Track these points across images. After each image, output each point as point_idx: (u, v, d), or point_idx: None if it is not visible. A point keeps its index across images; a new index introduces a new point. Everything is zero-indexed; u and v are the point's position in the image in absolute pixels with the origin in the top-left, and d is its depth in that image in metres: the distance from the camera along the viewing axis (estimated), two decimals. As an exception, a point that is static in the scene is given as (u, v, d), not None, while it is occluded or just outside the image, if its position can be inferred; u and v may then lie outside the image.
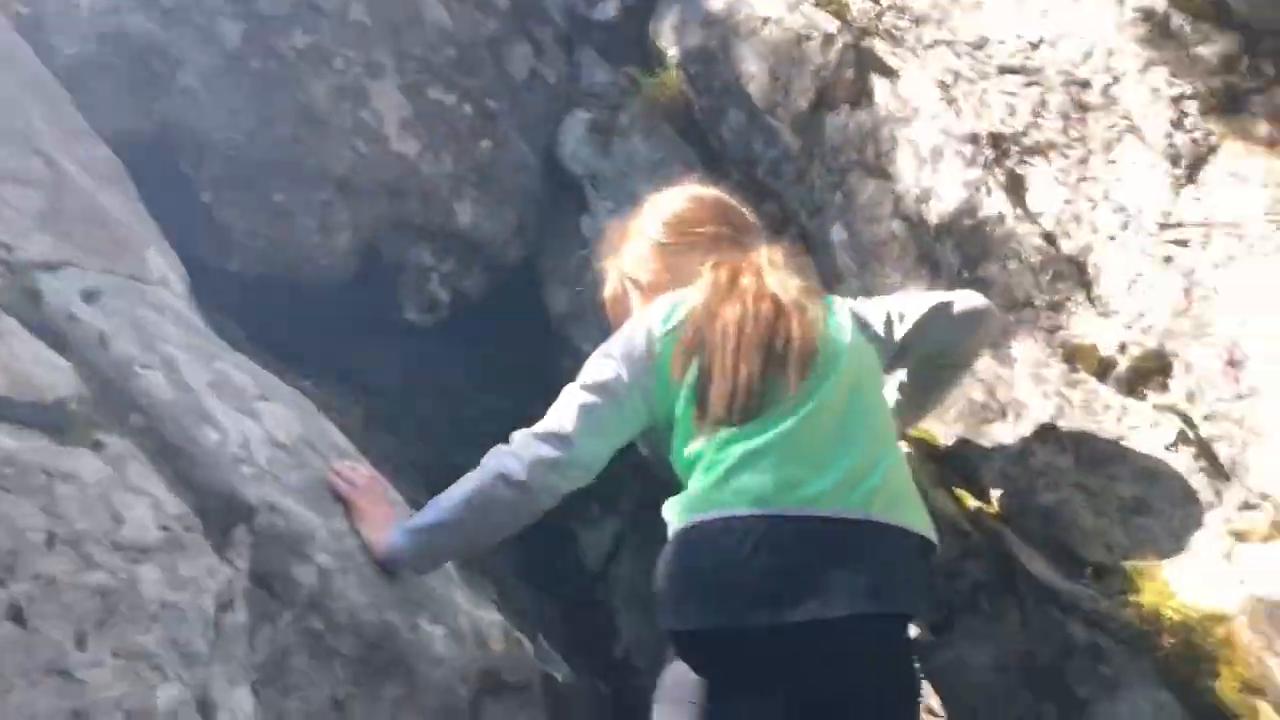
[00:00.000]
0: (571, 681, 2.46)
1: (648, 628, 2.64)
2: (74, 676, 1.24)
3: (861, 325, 1.83)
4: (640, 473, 3.02)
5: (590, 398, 1.76)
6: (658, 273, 1.96)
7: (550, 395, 1.84)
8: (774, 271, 1.81)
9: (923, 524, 1.68)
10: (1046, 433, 2.03)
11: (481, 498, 1.75)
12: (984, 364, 2.16)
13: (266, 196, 2.77)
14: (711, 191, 2.08)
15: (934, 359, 1.95)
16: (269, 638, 1.63)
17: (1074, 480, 1.96)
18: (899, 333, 1.86)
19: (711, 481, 1.65)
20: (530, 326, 3.16)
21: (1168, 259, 1.99)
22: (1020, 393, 2.10)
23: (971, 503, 2.06)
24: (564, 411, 1.76)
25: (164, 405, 1.65)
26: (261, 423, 1.87)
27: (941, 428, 2.20)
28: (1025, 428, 2.07)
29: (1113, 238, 2.08)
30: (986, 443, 2.12)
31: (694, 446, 1.71)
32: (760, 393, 1.66)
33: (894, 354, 1.88)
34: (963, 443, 2.14)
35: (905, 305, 1.90)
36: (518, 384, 3.06)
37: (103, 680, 1.27)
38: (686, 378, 1.72)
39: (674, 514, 1.71)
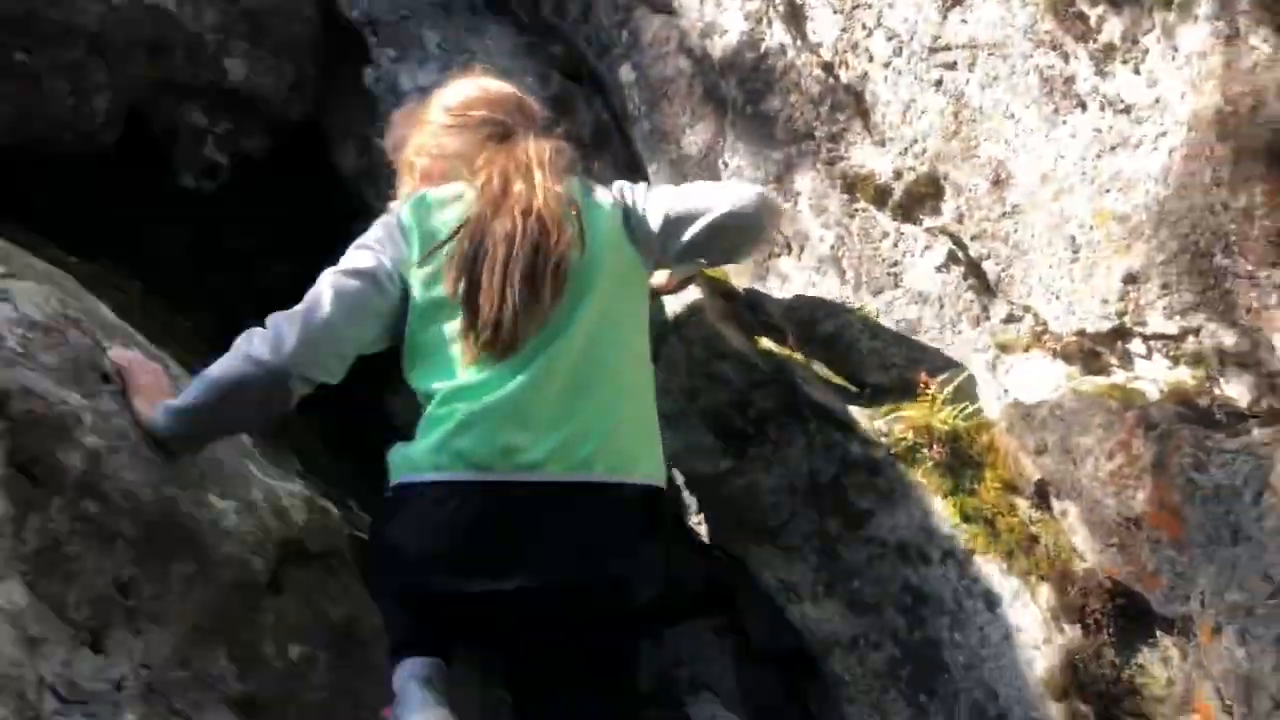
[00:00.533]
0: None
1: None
2: None
3: (630, 230, 1.76)
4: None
5: (348, 283, 1.69)
6: (434, 159, 1.87)
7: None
8: (542, 176, 1.70)
9: (650, 470, 1.68)
10: (827, 263, 2.08)
11: (232, 382, 1.68)
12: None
13: (7, 57, 2.52)
14: (501, 84, 1.96)
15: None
16: (38, 527, 1.56)
17: (853, 307, 2.03)
18: (673, 248, 1.79)
19: (434, 442, 1.64)
20: (320, 187, 3.02)
21: (938, 83, 2.02)
22: (803, 225, 2.14)
23: (759, 337, 2.11)
24: (319, 296, 1.68)
25: (-117, 291, 1.50)
26: (14, 303, 1.74)
27: (730, 265, 2.23)
28: (809, 259, 2.12)
29: (887, 64, 2.10)
30: (774, 277, 2.16)
31: (430, 383, 1.69)
32: (517, 325, 1.63)
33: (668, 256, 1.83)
34: (750, 279, 2.18)
35: (684, 214, 1.78)
36: (311, 248, 2.94)
37: None
38: (449, 293, 1.67)
39: (395, 465, 1.70)
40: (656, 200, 1.79)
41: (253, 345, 1.68)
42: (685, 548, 2.87)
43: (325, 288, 1.69)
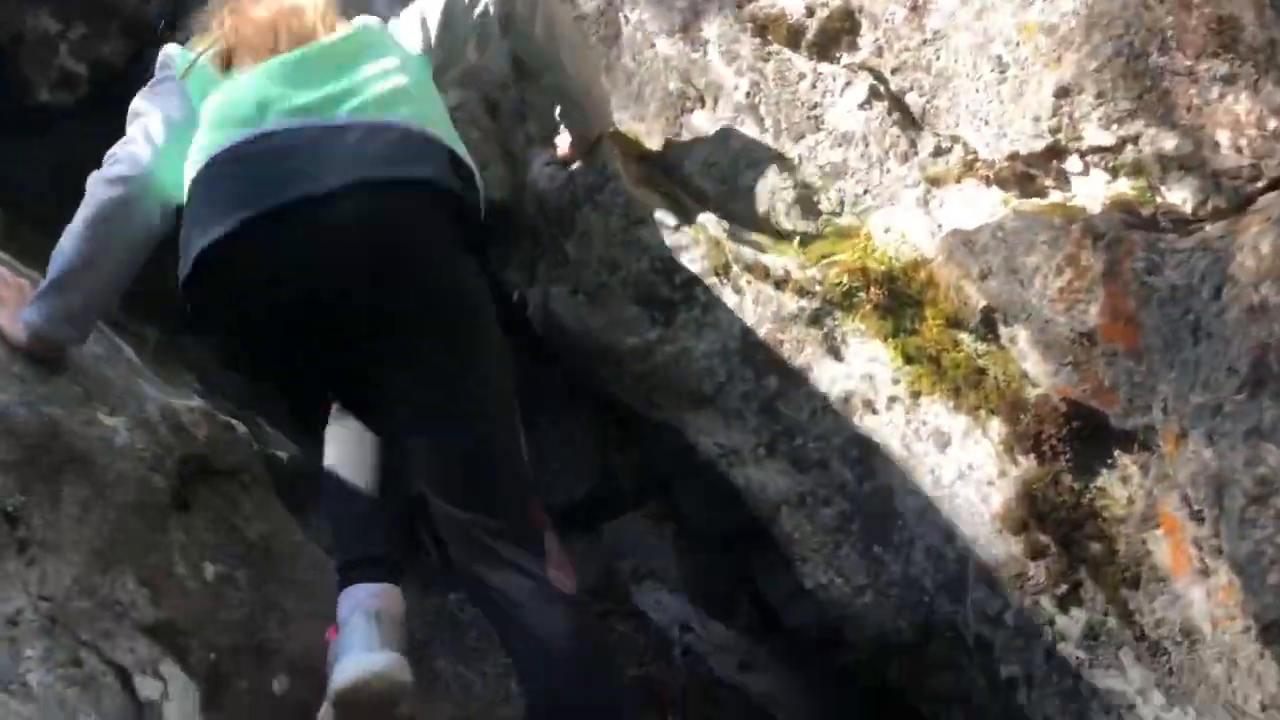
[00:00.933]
0: (302, 461, 2.31)
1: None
2: None
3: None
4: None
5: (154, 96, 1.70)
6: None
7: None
8: None
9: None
10: (744, 111, 1.96)
11: (97, 216, 1.60)
12: (676, 50, 2.05)
13: None
14: None
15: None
16: (-103, 459, 1.39)
17: (774, 155, 1.92)
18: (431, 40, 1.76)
19: (197, 145, 1.60)
20: (190, 91, 2.79)
21: (847, -92, 1.90)
22: (715, 75, 2.01)
23: (681, 196, 1.99)
24: (141, 115, 1.69)
25: None
26: None
27: (642, 126, 2.10)
28: (724, 110, 2.00)
29: (789, -107, 1.96)
30: (688, 133, 2.04)
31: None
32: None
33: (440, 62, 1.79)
34: (664, 137, 2.05)
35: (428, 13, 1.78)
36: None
37: None
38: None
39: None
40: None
41: (107, 173, 1.63)
42: (622, 439, 2.80)
43: (144, 107, 1.70)
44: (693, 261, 1.87)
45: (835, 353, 1.75)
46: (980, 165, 1.74)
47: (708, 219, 1.91)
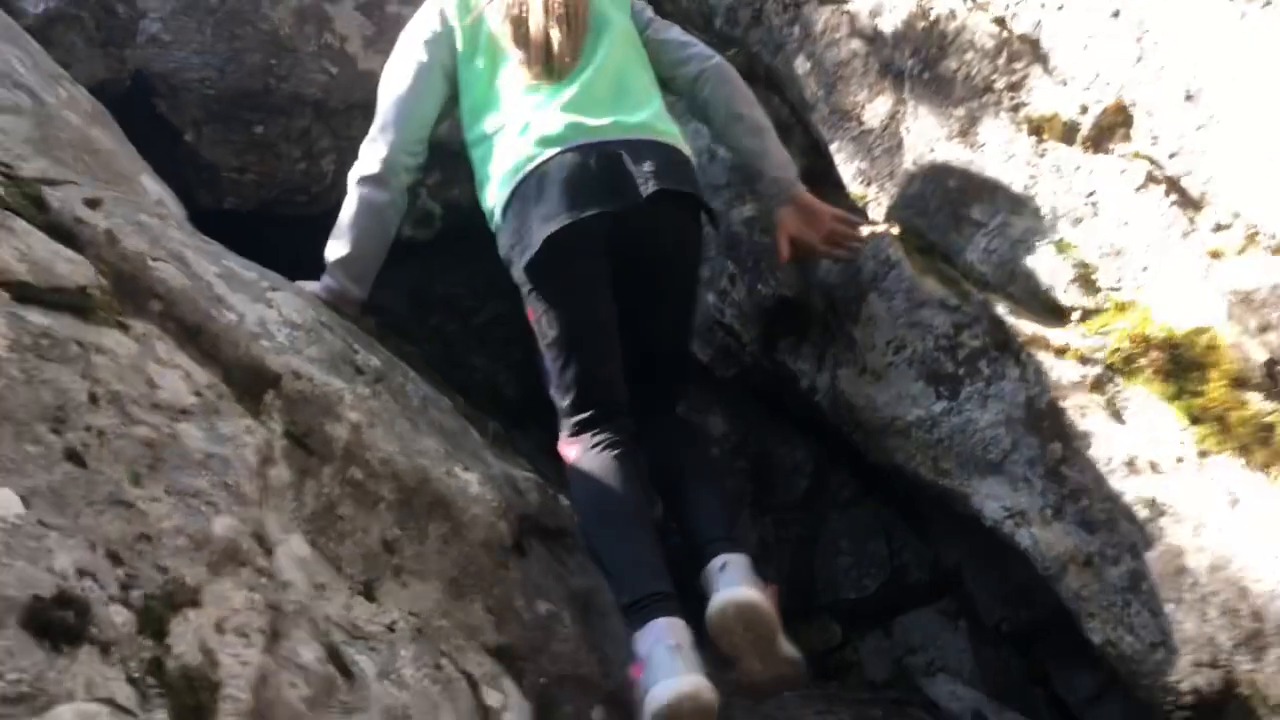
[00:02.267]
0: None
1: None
2: (135, 507, 1.34)
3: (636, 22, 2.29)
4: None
5: (399, 90, 2.21)
6: None
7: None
8: None
9: (680, 141, 2.13)
10: (1021, 203, 2.10)
11: (362, 207, 2.21)
12: (955, 153, 2.23)
13: (248, 130, 2.85)
14: None
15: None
16: (315, 491, 1.74)
17: (1052, 239, 2.03)
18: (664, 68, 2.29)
19: (516, 146, 2.05)
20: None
21: (1115, 14, 2.03)
22: (993, 172, 2.16)
23: (962, 282, 2.14)
24: (383, 111, 2.22)
25: (180, 291, 1.74)
26: (277, 309, 1.97)
27: (924, 220, 2.27)
28: (1003, 203, 2.14)
29: (1060, 7, 2.12)
30: (967, 225, 2.19)
31: (498, 122, 2.12)
32: (564, 54, 2.10)
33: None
34: (945, 228, 2.21)
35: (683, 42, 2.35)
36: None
37: (162, 512, 1.38)
38: (504, 46, 2.15)
39: (496, 188, 2.11)
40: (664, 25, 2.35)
41: (358, 174, 2.22)
42: (912, 536, 2.88)
43: (384, 102, 2.23)
44: (975, 338, 2.00)
45: (1118, 416, 1.81)
46: (1262, 237, 1.78)
47: (989, 299, 2.04)
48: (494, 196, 2.12)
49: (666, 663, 1.78)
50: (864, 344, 2.18)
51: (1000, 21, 2.22)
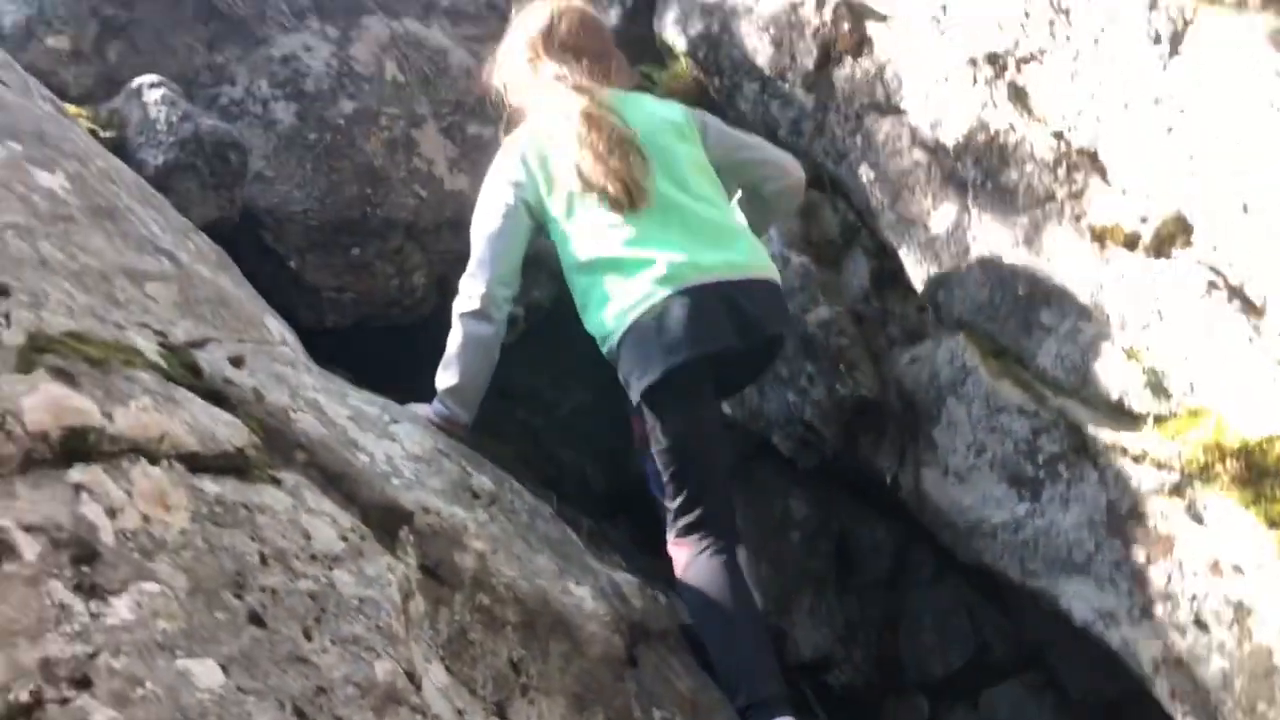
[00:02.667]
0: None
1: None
2: (310, 662, 1.50)
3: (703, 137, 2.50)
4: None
5: (490, 229, 2.40)
6: (524, 87, 2.51)
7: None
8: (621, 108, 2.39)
9: (774, 272, 2.38)
10: (1089, 309, 2.22)
11: (467, 340, 2.41)
12: (1021, 259, 2.35)
13: (346, 253, 3.05)
14: (573, 5, 2.56)
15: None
16: (448, 618, 1.89)
17: (1122, 345, 2.14)
18: (728, 161, 2.53)
19: (630, 285, 2.24)
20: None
21: (1169, 129, 2.15)
22: (1059, 279, 2.28)
23: (1036, 385, 2.25)
24: (478, 249, 2.42)
25: (319, 441, 1.91)
26: (399, 443, 2.14)
27: (995, 325, 2.39)
28: (1069, 309, 2.25)
29: (1116, 122, 2.25)
30: (1038, 330, 2.31)
31: (591, 253, 2.31)
32: (631, 191, 2.28)
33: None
34: (1016, 333, 2.33)
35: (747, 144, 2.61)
36: (599, 379, 3.32)
37: (331, 662, 1.53)
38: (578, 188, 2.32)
39: (610, 320, 2.28)
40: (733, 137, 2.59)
41: (461, 310, 2.42)
42: (994, 611, 2.97)
43: (478, 242, 2.42)
44: (1054, 442, 2.12)
45: (1199, 519, 1.91)
46: (1328, 343, 1.88)
47: (1065, 403, 2.16)
48: (608, 326, 2.30)
49: None
50: (945, 446, 2.31)
51: (1058, 135, 2.35)
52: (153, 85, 2.76)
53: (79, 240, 1.92)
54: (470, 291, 2.41)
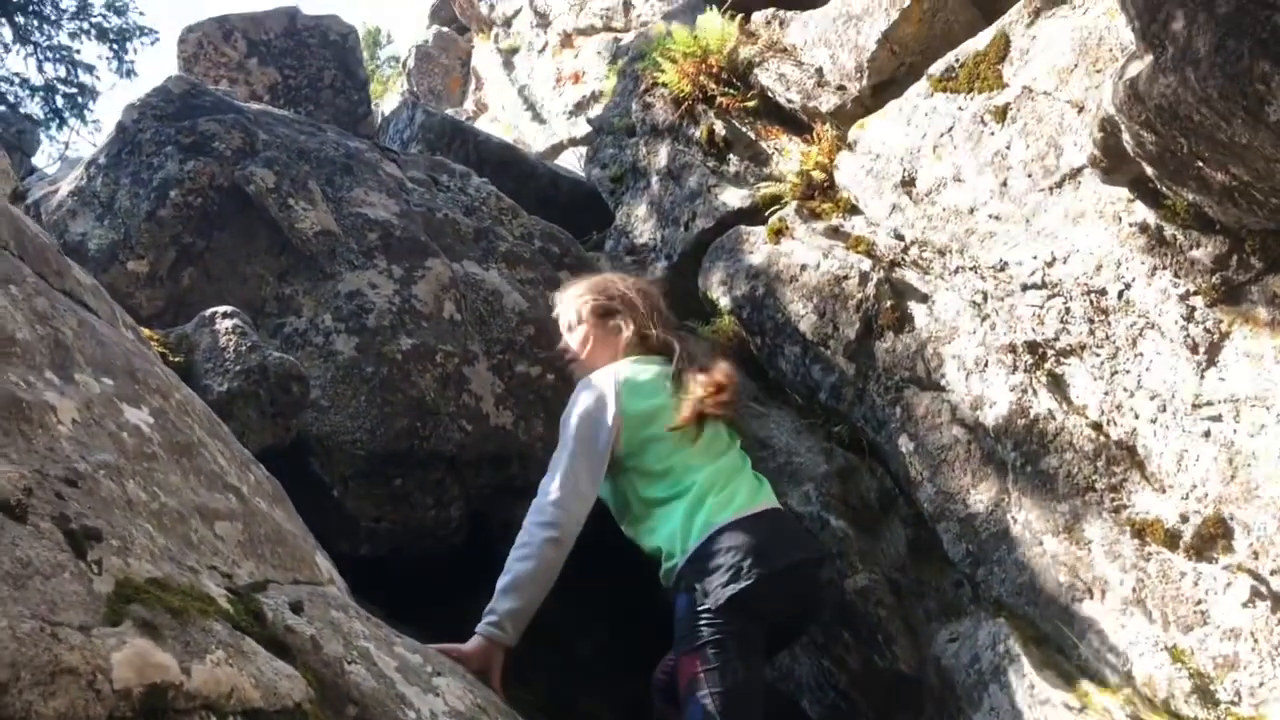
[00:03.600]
0: None
1: None
2: None
3: None
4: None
5: (583, 465, 2.48)
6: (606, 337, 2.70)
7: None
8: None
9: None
10: (1131, 605, 2.25)
11: (545, 565, 2.45)
12: (1062, 548, 2.40)
13: (389, 484, 3.10)
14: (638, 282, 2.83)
15: None
16: None
17: (1166, 645, 2.16)
18: None
19: (707, 505, 2.40)
20: (630, 562, 3.42)
21: (1207, 434, 2.25)
22: (1100, 571, 2.33)
23: (1080, 680, 2.26)
24: (568, 476, 2.47)
25: (370, 695, 1.90)
26: (442, 697, 2.13)
27: (1035, 610, 2.42)
28: (1112, 602, 2.29)
29: (1154, 420, 2.35)
30: (1079, 621, 2.33)
31: (662, 488, 2.47)
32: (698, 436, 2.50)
33: None
34: (1057, 621, 2.35)
35: None
36: (625, 616, 3.31)
37: None
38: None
39: (691, 531, 2.41)
40: None
41: (545, 533, 2.47)
42: None
43: (569, 465, 2.48)
44: (1100, 743, 2.11)
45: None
46: (1374, 664, 1.91)
47: (1110, 701, 2.16)
48: (685, 540, 2.42)
49: None
50: (989, 734, 2.30)
51: (1097, 426, 2.45)
52: (225, 315, 2.88)
53: (159, 478, 1.98)
54: (557, 520, 2.46)
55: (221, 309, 2.90)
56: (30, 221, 2.39)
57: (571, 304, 2.79)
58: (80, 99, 9.32)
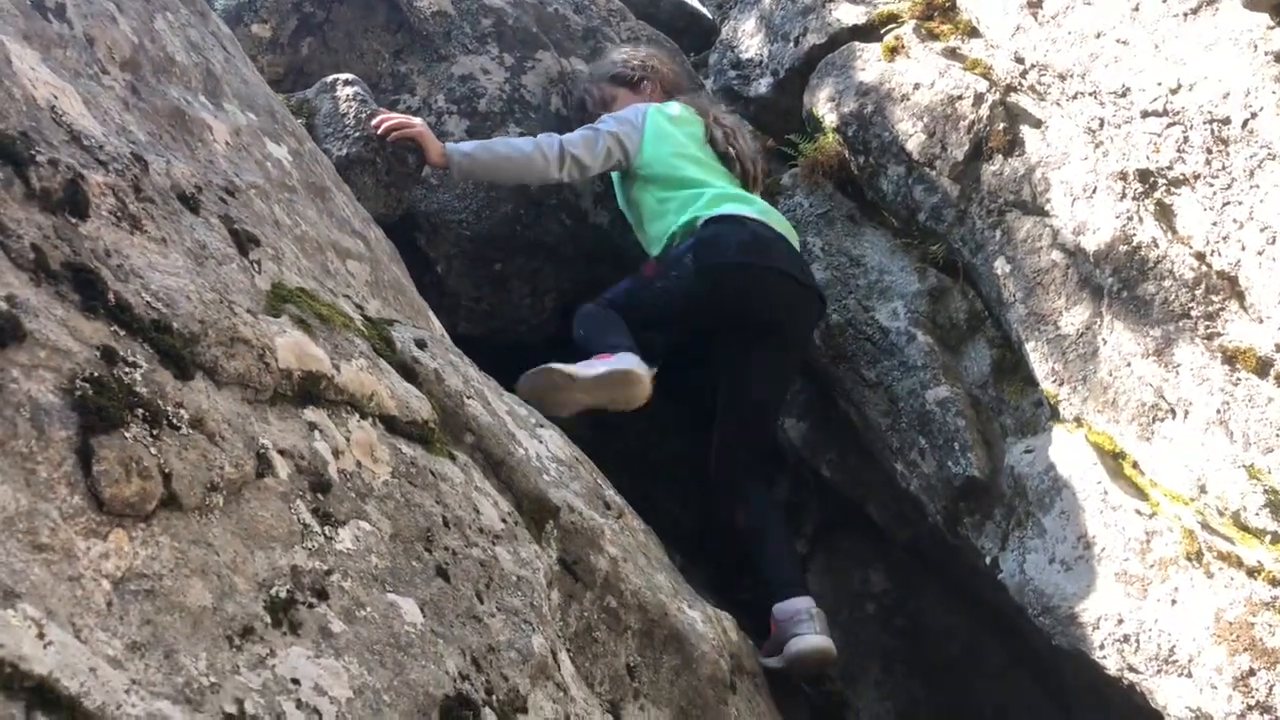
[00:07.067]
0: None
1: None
2: (483, 621, 1.61)
3: None
4: (819, 497, 3.34)
5: (609, 139, 3.04)
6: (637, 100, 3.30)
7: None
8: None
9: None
10: (1214, 426, 2.31)
11: (531, 161, 2.92)
12: (1149, 369, 2.45)
13: (489, 266, 3.21)
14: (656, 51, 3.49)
15: None
16: (577, 613, 2.00)
17: (1244, 464, 2.23)
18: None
19: (721, 196, 3.01)
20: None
21: (1314, 267, 2.26)
22: (1186, 393, 2.38)
23: (1153, 491, 2.34)
24: (586, 137, 3.03)
25: (486, 427, 2.04)
26: (545, 445, 2.26)
27: (1116, 429, 2.49)
28: (1195, 423, 2.35)
29: (1261, 252, 2.36)
30: (1160, 439, 2.40)
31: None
32: None
33: None
34: (1137, 438, 2.43)
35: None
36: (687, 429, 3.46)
37: (499, 626, 1.64)
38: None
39: (695, 217, 2.96)
40: None
41: (551, 146, 2.96)
42: (1056, 711, 3.01)
43: (597, 136, 3.07)
44: (1167, 546, 2.20)
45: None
46: None
47: (1182, 510, 2.24)
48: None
49: (808, 623, 2.70)
50: (1054, 534, 2.39)
51: (1200, 256, 2.47)
52: (346, 83, 2.95)
53: (299, 210, 2.08)
54: (568, 158, 2.99)
55: (343, 76, 2.97)
56: (175, -40, 2.45)
57: (599, 85, 3.32)
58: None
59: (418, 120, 2.92)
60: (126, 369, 1.22)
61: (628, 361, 2.65)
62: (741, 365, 3.00)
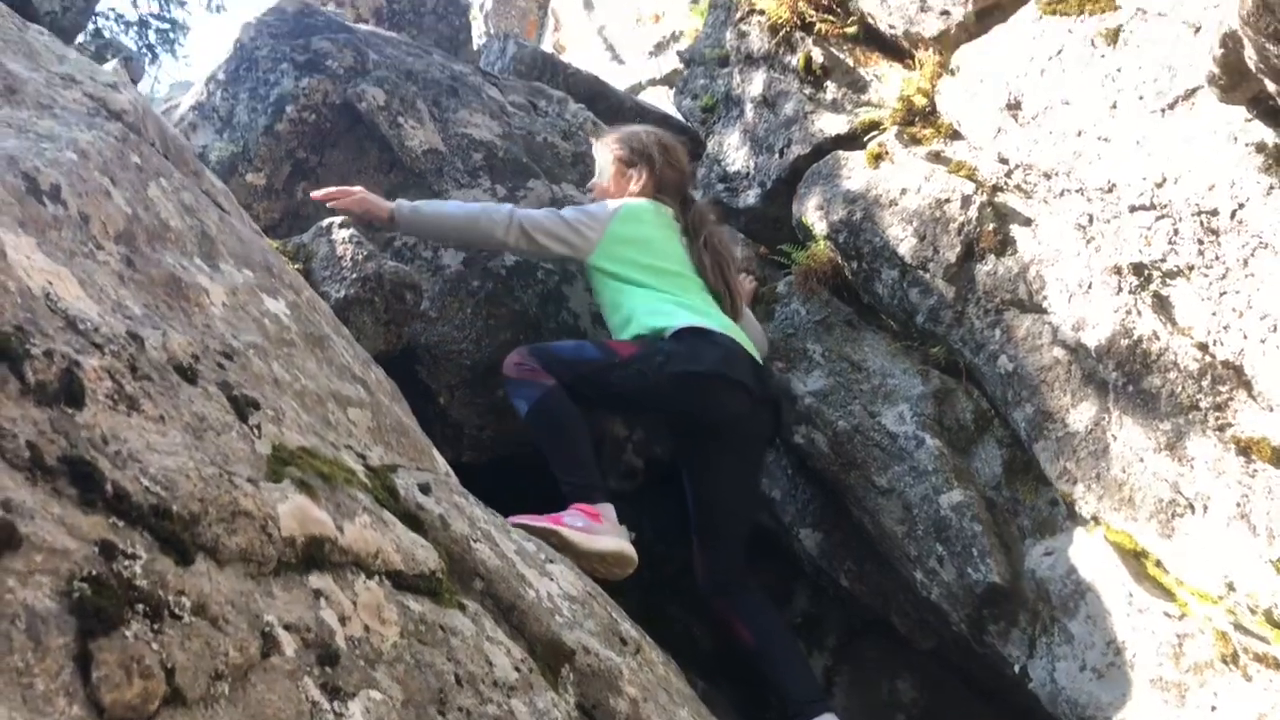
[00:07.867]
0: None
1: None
2: (501, 785, 1.56)
3: None
4: (840, 607, 3.28)
5: (563, 227, 3.00)
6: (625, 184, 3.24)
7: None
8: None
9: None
10: (1235, 520, 2.27)
11: (476, 221, 2.96)
12: (1163, 465, 2.42)
13: (491, 394, 3.20)
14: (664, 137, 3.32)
15: None
16: (599, 761, 1.94)
17: (1269, 559, 2.19)
18: None
19: (687, 306, 2.95)
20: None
21: (1318, 354, 2.25)
22: (1203, 486, 2.35)
23: (1179, 591, 2.29)
24: (542, 216, 3.03)
25: (495, 570, 2.00)
26: (556, 582, 2.23)
27: (1134, 526, 2.45)
28: (1215, 517, 2.31)
29: (1263, 340, 2.35)
30: (1180, 536, 2.36)
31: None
32: None
33: None
34: (1157, 535, 2.38)
35: None
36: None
37: (518, 788, 1.59)
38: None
39: (666, 320, 2.91)
40: None
41: (505, 215, 2.96)
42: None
43: (555, 218, 3.03)
44: (1200, 649, 2.15)
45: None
46: None
47: (1211, 610, 2.19)
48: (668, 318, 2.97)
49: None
50: (1083, 641, 2.34)
51: (1203, 347, 2.46)
52: (341, 225, 2.98)
53: (299, 363, 2.09)
54: (516, 230, 2.99)
55: (338, 219, 3.01)
56: (169, 124, 2.50)
57: (603, 149, 3.27)
58: (171, 34, 9.51)
59: (357, 188, 3.04)
60: (126, 561, 1.19)
61: (622, 540, 2.76)
62: (701, 466, 3.02)
